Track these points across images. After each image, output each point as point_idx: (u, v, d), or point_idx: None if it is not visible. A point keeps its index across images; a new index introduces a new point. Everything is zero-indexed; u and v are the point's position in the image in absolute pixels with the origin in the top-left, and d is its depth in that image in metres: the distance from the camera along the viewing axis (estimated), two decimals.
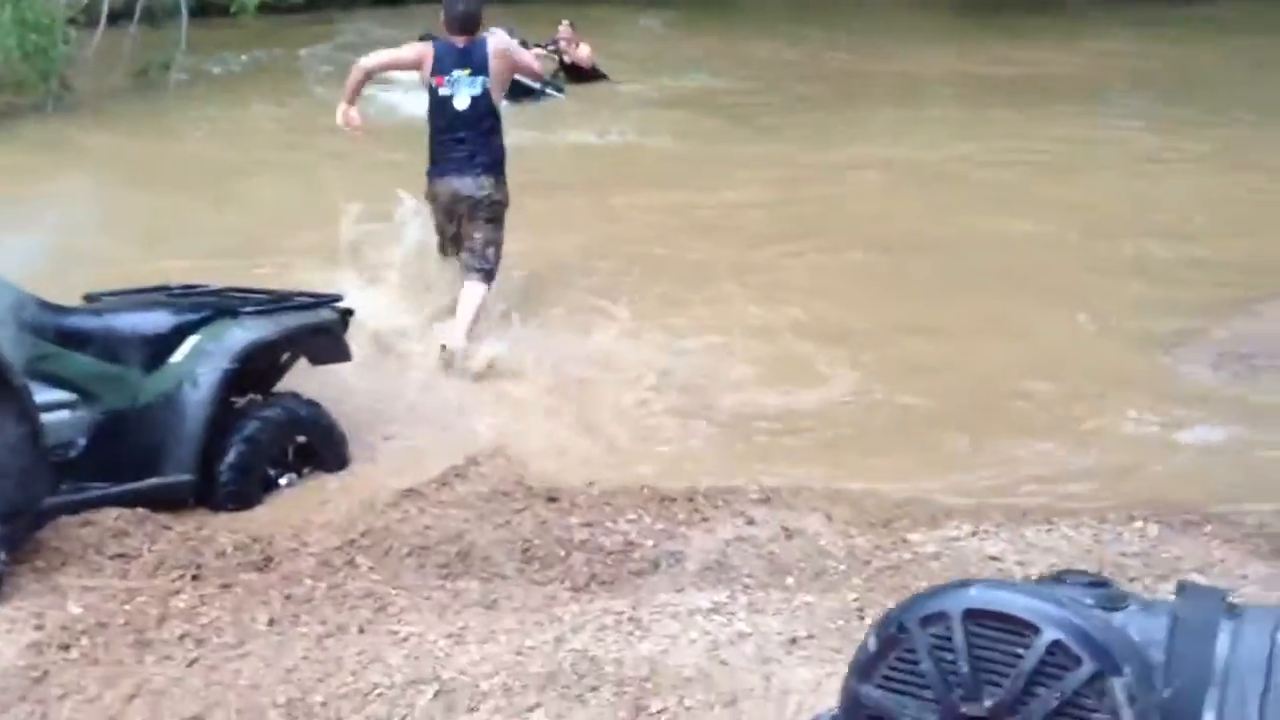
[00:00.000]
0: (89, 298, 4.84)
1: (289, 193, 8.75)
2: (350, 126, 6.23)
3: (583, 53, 12.78)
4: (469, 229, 6.02)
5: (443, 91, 5.98)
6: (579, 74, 12.70)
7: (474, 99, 5.95)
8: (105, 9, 12.57)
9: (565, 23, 12.85)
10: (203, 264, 6.68)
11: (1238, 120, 10.91)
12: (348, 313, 5.11)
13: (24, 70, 11.33)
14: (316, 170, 8.94)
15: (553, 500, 4.47)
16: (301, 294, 5.13)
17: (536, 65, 6.47)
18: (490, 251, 6.02)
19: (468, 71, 5.95)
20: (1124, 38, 16.14)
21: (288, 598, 3.61)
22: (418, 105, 6.65)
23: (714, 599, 3.60)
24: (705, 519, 4.30)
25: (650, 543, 4.14)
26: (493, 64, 5.99)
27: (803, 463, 5.01)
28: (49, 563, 3.80)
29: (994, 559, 3.92)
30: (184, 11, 13.21)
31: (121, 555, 3.85)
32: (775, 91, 12.86)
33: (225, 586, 3.67)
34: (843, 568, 3.88)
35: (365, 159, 8.32)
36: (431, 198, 6.10)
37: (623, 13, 18.63)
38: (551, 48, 12.48)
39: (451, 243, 6.15)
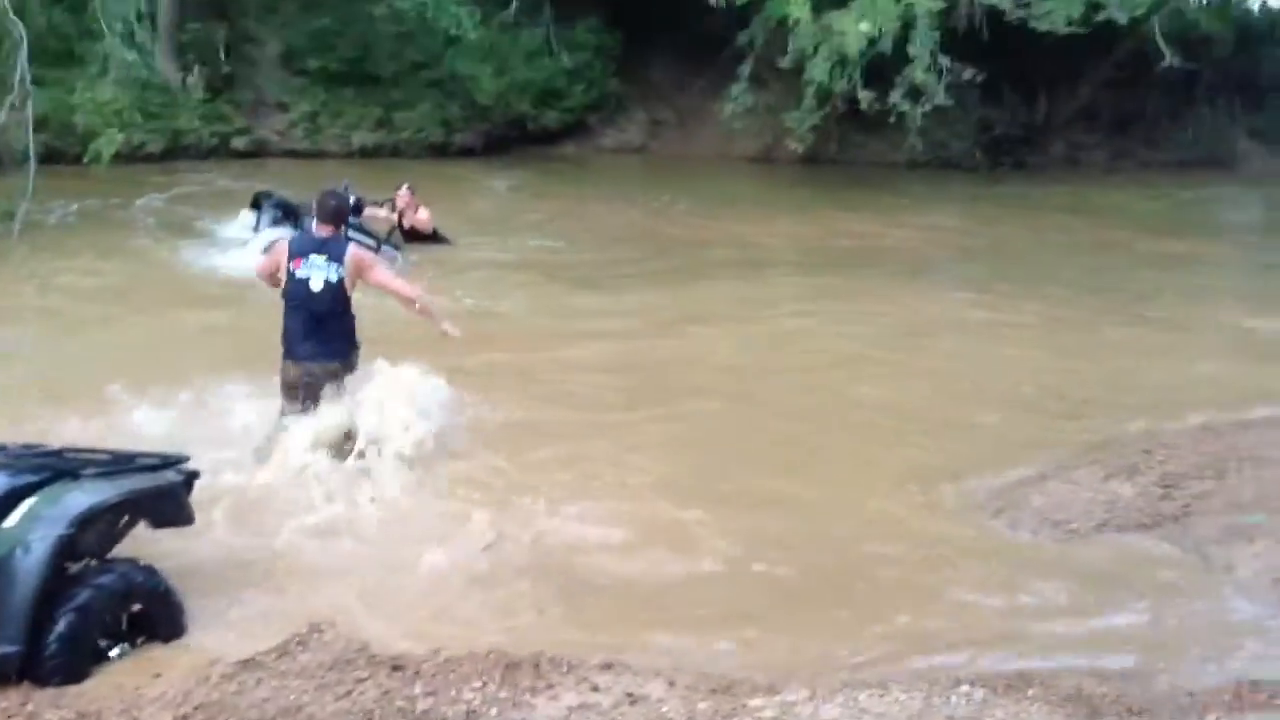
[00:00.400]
0: None
1: (111, 347, 8.70)
2: None
3: (422, 216, 12.74)
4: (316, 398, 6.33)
5: (299, 274, 6.27)
6: (418, 237, 12.66)
7: (328, 283, 6.25)
8: None
9: (405, 186, 12.78)
10: (25, 420, 6.58)
11: (1051, 294, 11.76)
12: (193, 474, 5.05)
13: None
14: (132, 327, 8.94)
15: (397, 669, 4.43)
16: (146, 454, 5.05)
17: (396, 283, 6.67)
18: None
19: (324, 258, 6.28)
20: (946, 214, 17.43)
21: None
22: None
23: None
24: (550, 686, 4.32)
25: (494, 711, 4.15)
26: (349, 263, 6.30)
27: (650, 628, 5.09)
28: None
29: None
30: (31, 159, 13.04)
31: None
32: (619, 256, 13.29)
33: None
34: None
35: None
36: (284, 373, 6.38)
37: (474, 173, 19.16)
38: (387, 209, 12.48)
39: (298, 410, 6.33)
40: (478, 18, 19.52)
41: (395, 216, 12.49)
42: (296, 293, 6.26)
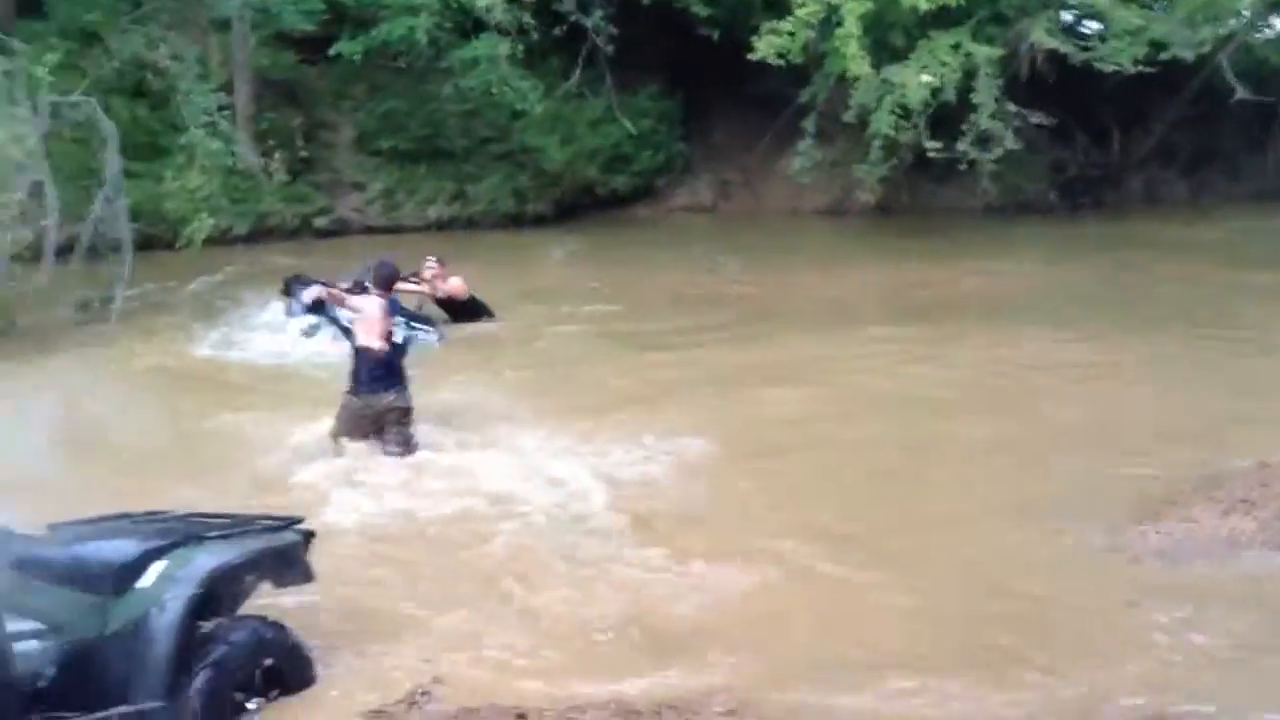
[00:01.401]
0: (53, 527, 4.85)
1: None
2: None
3: (454, 284, 12.02)
4: (391, 430, 7.85)
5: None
6: (455, 309, 12.01)
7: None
8: (51, 248, 12.79)
9: (432, 258, 12.07)
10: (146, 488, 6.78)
11: (1145, 330, 11.64)
12: (309, 534, 5.16)
13: None
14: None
15: (520, 718, 4.48)
16: (264, 517, 5.19)
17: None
18: (413, 440, 7.91)
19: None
20: (1026, 257, 17.27)
21: None
22: None
23: None
24: None
25: None
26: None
27: (771, 678, 5.01)
28: None
29: None
30: (127, 247, 13.49)
31: None
32: (693, 318, 13.04)
33: None
34: None
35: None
36: (356, 408, 7.91)
37: (542, 240, 19.41)
38: (414, 280, 11.66)
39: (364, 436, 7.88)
40: (541, 91, 19.91)
41: (425, 289, 11.91)
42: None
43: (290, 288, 11.39)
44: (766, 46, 17.88)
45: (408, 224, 20.36)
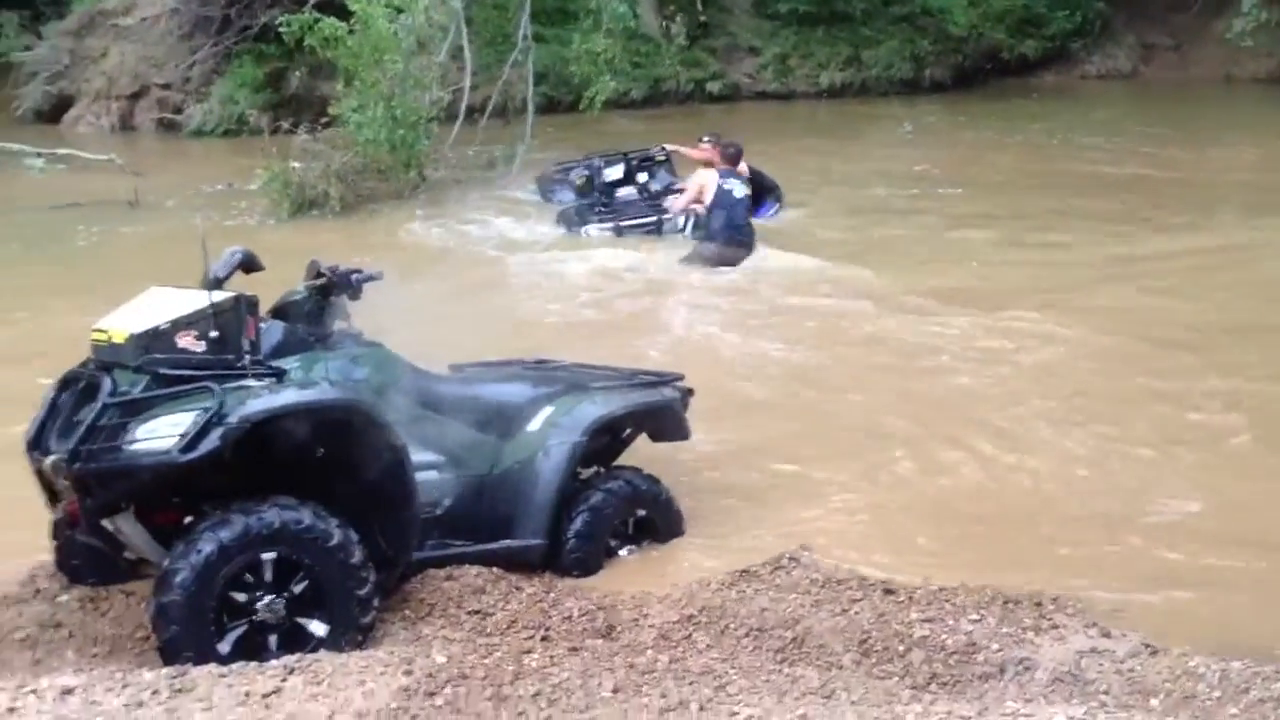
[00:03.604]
0: (454, 368, 5.17)
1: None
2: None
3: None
4: None
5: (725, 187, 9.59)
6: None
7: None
8: (463, 108, 13.63)
9: (705, 136, 11.10)
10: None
11: None
12: (688, 392, 5.21)
13: (389, 160, 12.38)
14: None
15: (889, 593, 4.35)
16: (645, 372, 5.29)
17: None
18: None
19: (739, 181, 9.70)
20: None
21: (630, 667, 3.66)
22: None
23: (1069, 713, 3.37)
24: (1055, 626, 4.07)
25: (995, 646, 3.96)
26: None
27: (1171, 580, 4.64)
28: (415, 613, 4.05)
29: None
30: (530, 108, 14.14)
31: (478, 611, 4.05)
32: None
33: (573, 650, 3.79)
34: (1216, 694, 3.56)
35: None
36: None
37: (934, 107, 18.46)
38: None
39: None
40: None
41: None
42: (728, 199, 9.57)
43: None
44: None
45: (799, 90, 20.11)
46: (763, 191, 10.89)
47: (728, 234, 9.56)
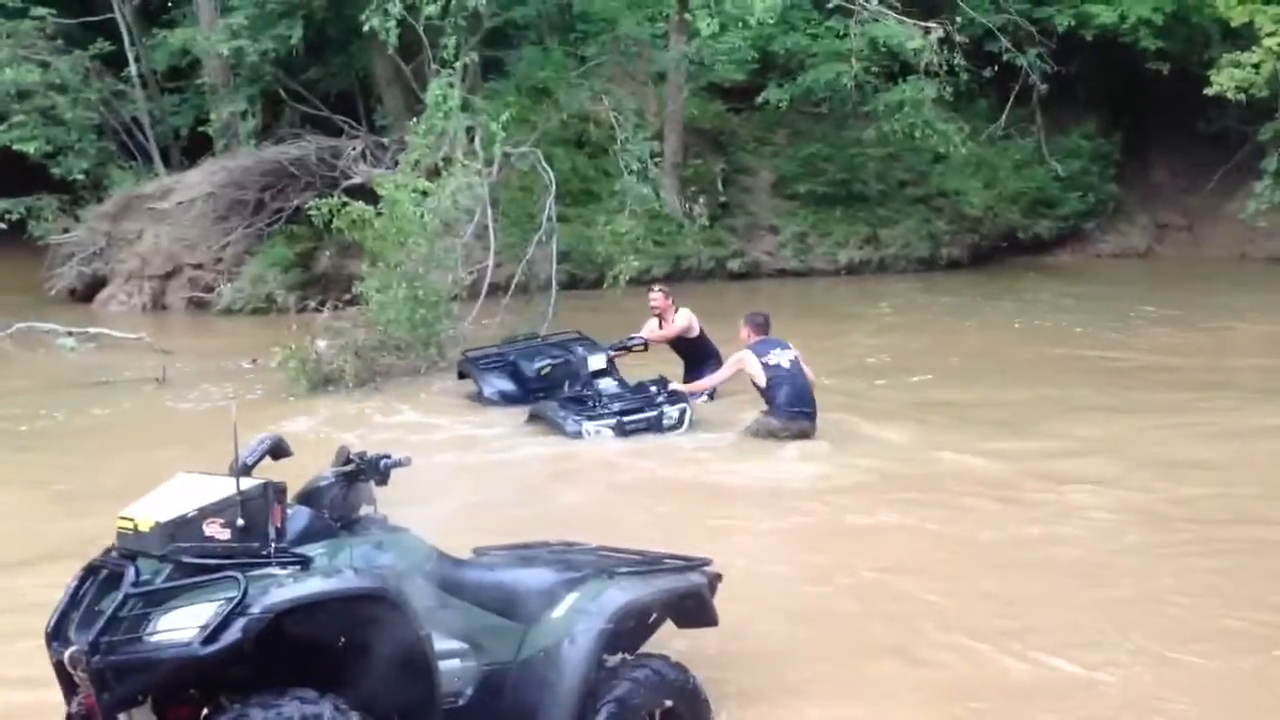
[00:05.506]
0: (478, 551, 5.10)
1: None
2: None
3: (680, 322, 11.07)
4: None
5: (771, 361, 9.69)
6: (686, 350, 11.12)
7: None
8: (485, 286, 13.89)
9: (656, 287, 11.43)
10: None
11: None
12: (717, 577, 5.11)
13: (409, 339, 12.52)
14: None
15: None
16: (672, 556, 5.20)
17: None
18: None
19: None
20: None
21: None
22: None
23: None
24: None
25: None
26: None
27: None
28: None
29: None
30: (553, 286, 14.40)
31: None
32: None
33: None
34: None
35: None
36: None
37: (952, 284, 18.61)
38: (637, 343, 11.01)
39: None
40: (965, 133, 19.37)
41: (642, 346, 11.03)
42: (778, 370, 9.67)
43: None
44: (1226, 80, 16.51)
45: (818, 267, 20.46)
46: (705, 357, 10.93)
47: (792, 408, 9.56)
